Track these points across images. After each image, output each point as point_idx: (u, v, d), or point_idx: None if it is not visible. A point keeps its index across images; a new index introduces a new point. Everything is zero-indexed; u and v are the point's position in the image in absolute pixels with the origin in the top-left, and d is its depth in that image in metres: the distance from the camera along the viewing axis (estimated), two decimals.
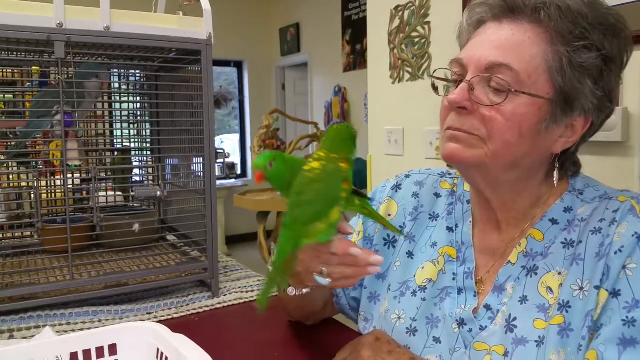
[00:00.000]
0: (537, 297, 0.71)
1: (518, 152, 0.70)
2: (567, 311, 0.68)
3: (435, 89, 0.80)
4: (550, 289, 0.71)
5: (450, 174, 0.92)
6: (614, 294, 0.65)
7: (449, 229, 0.85)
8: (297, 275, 0.74)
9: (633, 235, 0.66)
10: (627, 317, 0.63)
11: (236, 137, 6.76)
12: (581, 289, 0.68)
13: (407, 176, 0.95)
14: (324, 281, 0.69)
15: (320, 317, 0.97)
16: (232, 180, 6.33)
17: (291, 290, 0.78)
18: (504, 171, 0.73)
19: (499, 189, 0.77)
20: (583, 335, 0.65)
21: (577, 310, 0.67)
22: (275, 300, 0.95)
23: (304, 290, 0.78)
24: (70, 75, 1.07)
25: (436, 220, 0.87)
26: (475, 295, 0.77)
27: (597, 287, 0.66)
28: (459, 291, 0.79)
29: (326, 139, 0.68)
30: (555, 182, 0.76)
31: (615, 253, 0.66)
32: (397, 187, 0.94)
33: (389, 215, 0.91)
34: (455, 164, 0.76)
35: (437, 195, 0.90)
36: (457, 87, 0.72)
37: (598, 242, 0.69)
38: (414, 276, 0.84)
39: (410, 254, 0.86)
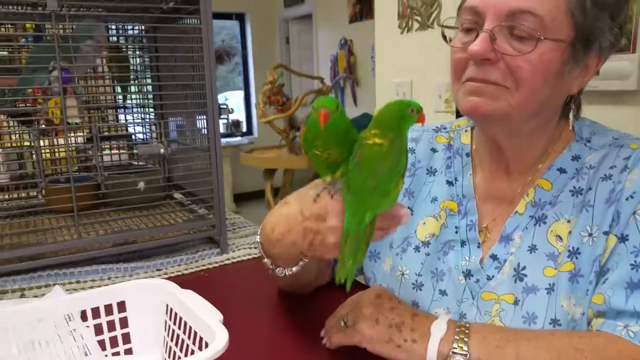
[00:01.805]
0: (547, 246, 0.71)
1: (543, 98, 0.69)
2: (576, 257, 0.68)
3: (445, 37, 0.76)
4: (559, 237, 0.71)
5: (445, 128, 0.90)
6: (622, 239, 0.65)
7: (449, 183, 0.84)
8: (322, 251, 0.67)
9: None
10: (635, 261, 0.63)
11: (240, 93, 6.66)
12: (590, 235, 0.68)
13: None
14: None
15: (312, 288, 0.93)
16: (238, 138, 6.30)
17: (280, 271, 0.77)
18: (527, 120, 0.71)
19: (517, 138, 0.75)
20: (590, 280, 0.66)
21: (586, 255, 0.68)
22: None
23: (294, 269, 0.75)
24: (65, 30, 1.03)
25: (434, 175, 0.86)
26: (479, 247, 0.77)
27: (606, 233, 0.67)
28: (462, 244, 0.78)
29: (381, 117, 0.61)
30: (571, 124, 0.76)
31: (627, 199, 0.66)
32: None
33: None
34: (478, 117, 0.73)
35: (434, 150, 0.88)
36: (475, 37, 0.68)
37: (608, 189, 0.69)
38: (415, 232, 0.83)
39: (409, 210, 0.85)
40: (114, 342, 0.63)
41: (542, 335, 0.64)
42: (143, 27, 1.32)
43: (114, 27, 1.33)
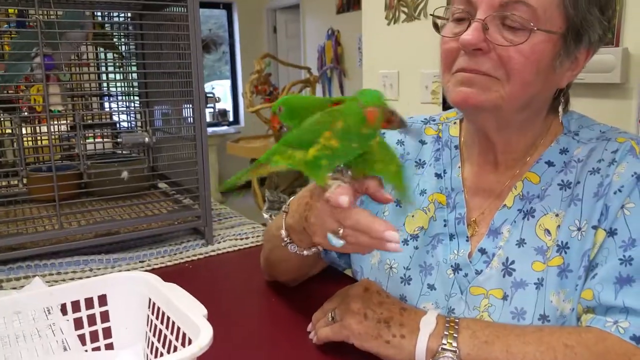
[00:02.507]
0: (535, 240, 0.71)
1: (534, 90, 0.69)
2: (565, 252, 0.68)
3: (436, 26, 0.75)
4: (548, 231, 0.71)
5: (434, 120, 0.90)
6: (611, 233, 0.65)
7: (437, 175, 0.83)
8: (311, 231, 0.67)
9: (632, 175, 0.66)
10: (624, 255, 0.63)
11: (227, 83, 6.60)
12: (579, 229, 0.68)
13: None
14: (337, 242, 0.63)
15: (307, 277, 0.93)
16: (225, 128, 6.24)
17: (292, 248, 0.75)
18: (517, 112, 0.71)
19: (507, 131, 0.75)
20: (579, 275, 0.66)
21: (575, 250, 0.67)
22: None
23: (305, 252, 0.74)
24: (49, 16, 1.01)
25: (423, 167, 0.86)
26: (467, 240, 0.76)
27: (595, 227, 0.67)
28: (451, 237, 0.78)
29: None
30: (560, 117, 0.77)
31: (615, 193, 0.66)
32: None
33: None
34: (468, 108, 0.72)
35: (422, 142, 0.88)
36: (467, 27, 0.67)
37: (596, 182, 0.69)
38: (404, 224, 0.83)
39: (398, 203, 0.85)
40: (94, 336, 0.62)
41: (532, 331, 0.64)
42: (129, 15, 1.30)
43: (99, 14, 1.30)
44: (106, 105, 1.46)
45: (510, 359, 0.61)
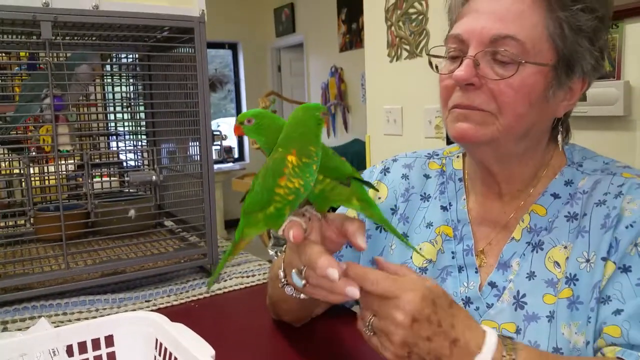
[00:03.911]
0: (545, 272, 0.71)
1: (529, 122, 0.70)
2: (574, 284, 0.68)
3: (432, 66, 0.78)
4: (557, 264, 0.71)
5: (437, 155, 0.92)
6: (624, 269, 0.65)
7: (443, 208, 0.84)
8: (287, 270, 0.68)
9: None
10: None
11: (233, 120, 6.67)
12: (587, 260, 0.68)
13: (395, 160, 0.94)
14: (299, 281, 0.61)
15: (309, 319, 0.90)
16: (230, 164, 6.29)
17: (289, 290, 0.73)
18: (515, 143, 0.72)
19: (507, 162, 0.76)
20: (592, 307, 0.66)
21: (584, 282, 0.67)
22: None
23: (302, 295, 0.71)
24: (59, 58, 1.03)
25: (428, 200, 0.86)
26: (476, 272, 0.76)
27: (604, 259, 0.66)
28: (460, 269, 0.78)
29: (290, 124, 0.61)
30: (560, 146, 0.78)
31: (627, 228, 0.66)
32: (385, 170, 0.92)
33: (379, 198, 0.89)
34: (466, 143, 0.74)
35: (427, 176, 0.89)
36: (460, 63, 0.70)
37: (603, 214, 0.69)
38: (411, 258, 0.82)
39: (405, 236, 0.85)
40: None
41: None
42: (137, 56, 1.33)
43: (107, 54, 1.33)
44: (113, 144, 1.47)
45: None
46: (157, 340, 0.60)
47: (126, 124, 1.39)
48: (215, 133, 1.13)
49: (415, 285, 0.58)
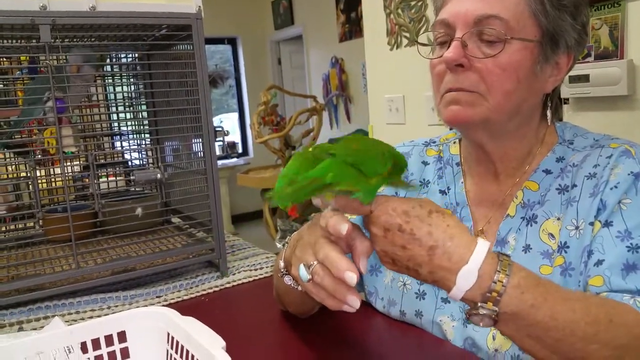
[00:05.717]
0: (540, 244, 0.73)
1: (518, 98, 0.72)
2: (565, 252, 0.70)
3: (423, 52, 0.80)
4: (552, 235, 0.73)
5: (434, 142, 0.94)
6: (606, 224, 0.67)
7: (442, 192, 0.86)
8: (293, 262, 0.67)
9: (629, 174, 0.68)
10: (630, 244, 0.65)
11: (235, 115, 6.69)
12: (577, 228, 0.70)
13: None
14: (305, 275, 0.61)
15: (315, 310, 0.89)
16: (234, 159, 6.31)
17: (287, 280, 0.74)
18: (507, 121, 0.74)
19: (501, 140, 0.78)
20: (581, 270, 0.68)
21: (574, 248, 0.69)
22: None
23: (299, 287, 0.71)
24: (59, 60, 1.04)
25: (427, 186, 0.89)
26: None
27: (592, 223, 0.68)
28: None
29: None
30: (549, 121, 0.80)
31: (611, 189, 0.68)
32: None
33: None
34: (459, 125, 0.76)
35: (425, 163, 0.91)
36: (448, 47, 0.71)
37: (592, 185, 0.71)
38: None
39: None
40: None
41: (578, 298, 0.59)
42: (136, 55, 1.33)
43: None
44: (117, 144, 1.48)
45: (554, 326, 0.56)
46: (168, 334, 0.61)
47: (129, 123, 1.40)
48: (217, 129, 1.14)
49: (387, 199, 0.61)
